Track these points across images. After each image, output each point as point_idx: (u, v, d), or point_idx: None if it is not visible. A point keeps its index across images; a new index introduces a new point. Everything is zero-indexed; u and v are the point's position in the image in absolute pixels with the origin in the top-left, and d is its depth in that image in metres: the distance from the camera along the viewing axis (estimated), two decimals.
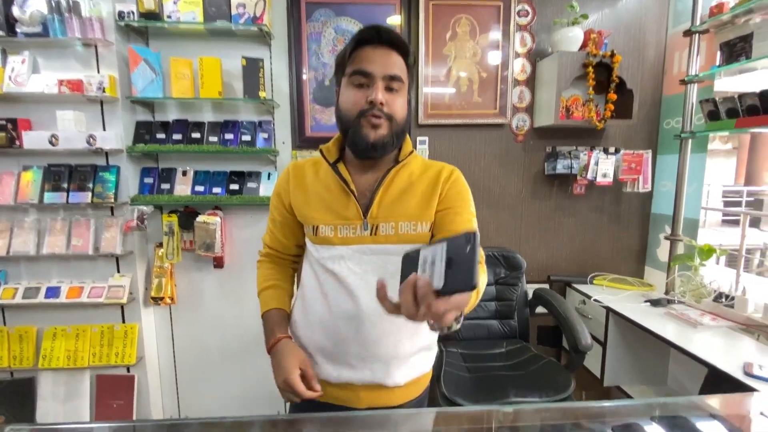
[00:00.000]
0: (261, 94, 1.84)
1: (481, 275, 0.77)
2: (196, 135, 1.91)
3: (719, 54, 1.75)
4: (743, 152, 7.59)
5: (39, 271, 1.91)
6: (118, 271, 1.92)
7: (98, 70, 1.81)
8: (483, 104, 2.06)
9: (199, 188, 1.93)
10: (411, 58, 0.85)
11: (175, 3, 1.77)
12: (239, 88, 1.89)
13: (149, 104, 1.93)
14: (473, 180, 2.13)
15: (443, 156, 2.10)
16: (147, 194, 1.91)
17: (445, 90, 2.04)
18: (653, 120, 2.14)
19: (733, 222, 5.33)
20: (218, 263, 2.01)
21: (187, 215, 1.91)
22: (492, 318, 1.98)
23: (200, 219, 1.86)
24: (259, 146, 1.92)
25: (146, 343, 1.98)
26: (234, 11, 1.79)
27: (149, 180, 1.94)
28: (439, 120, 2.05)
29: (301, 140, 2.02)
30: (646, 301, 1.83)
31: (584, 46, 1.88)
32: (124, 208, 1.87)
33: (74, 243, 1.84)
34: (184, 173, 1.95)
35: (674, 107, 2.04)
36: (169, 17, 1.78)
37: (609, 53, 1.84)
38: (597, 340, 1.88)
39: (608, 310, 1.81)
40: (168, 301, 1.97)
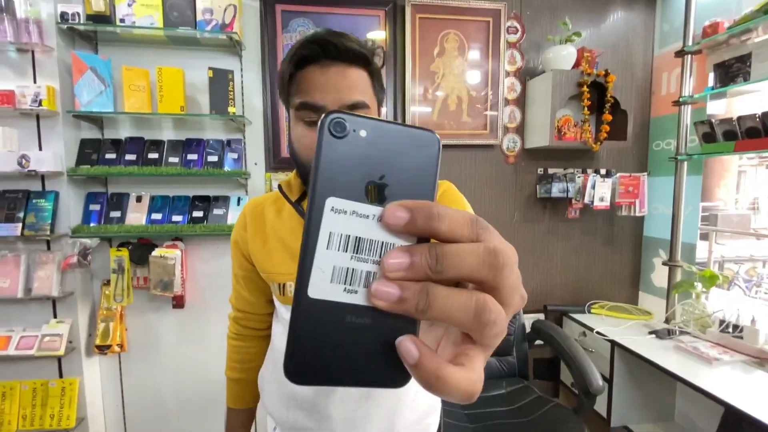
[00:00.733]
0: (230, 110, 1.62)
1: None
2: (154, 155, 1.66)
3: (712, 75, 1.72)
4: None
5: None
6: (55, 317, 1.61)
7: (35, 80, 1.55)
8: (472, 124, 1.94)
9: (156, 216, 1.67)
10: (376, 63, 0.65)
11: (130, 6, 1.55)
12: (205, 103, 1.67)
13: (97, 119, 1.67)
14: None
15: None
16: (93, 224, 1.63)
17: (432, 109, 1.90)
18: (643, 141, 2.09)
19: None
20: (178, 303, 1.74)
21: (142, 248, 1.65)
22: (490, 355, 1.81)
23: (156, 253, 1.59)
24: (228, 168, 1.69)
25: (89, 401, 1.67)
26: (199, 17, 1.59)
27: (95, 207, 1.66)
28: None
29: (276, 162, 1.81)
30: (651, 333, 1.73)
31: (577, 65, 1.81)
32: (63, 241, 1.58)
33: (1, 284, 1.53)
34: (139, 199, 1.68)
35: (664, 129, 1.99)
36: (123, 21, 1.55)
37: (603, 72, 1.77)
38: (603, 377, 1.75)
39: (613, 344, 1.69)
40: (116, 349, 1.67)
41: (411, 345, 0.20)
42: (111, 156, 1.65)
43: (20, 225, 1.52)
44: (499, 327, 0.20)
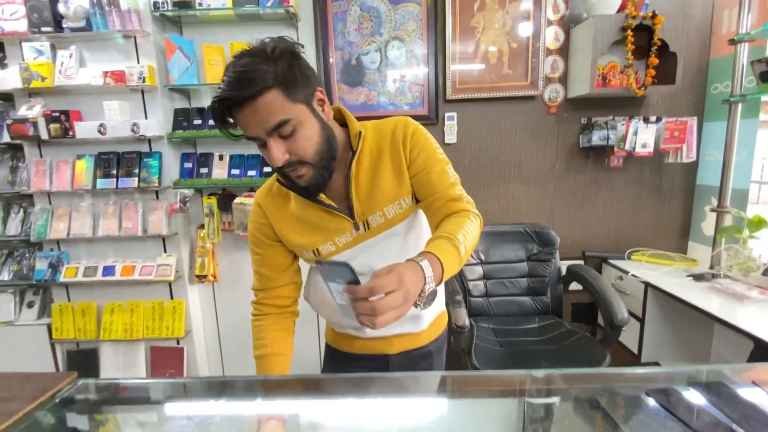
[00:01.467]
0: None
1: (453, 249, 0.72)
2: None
3: None
4: None
5: (96, 251, 2.07)
6: (165, 251, 2.06)
7: (138, 61, 1.90)
8: (513, 76, 2.00)
9: (235, 171, 2.01)
10: (281, 68, 0.68)
11: None
12: None
13: (185, 91, 2.01)
14: (504, 155, 2.09)
15: (472, 131, 2.07)
16: (187, 178, 2.01)
17: (474, 62, 1.99)
18: (699, 85, 2.01)
19: None
20: None
21: (225, 197, 2.01)
22: (524, 294, 1.97)
23: (237, 200, 1.94)
24: None
25: (193, 318, 2.13)
26: None
27: (189, 165, 2.04)
28: (468, 95, 2.01)
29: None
30: (689, 276, 1.76)
31: (622, 8, 1.78)
32: (168, 192, 1.99)
33: (125, 225, 1.98)
34: (221, 158, 2.03)
35: (722, 71, 1.89)
36: (201, 5, 1.83)
37: (650, 14, 1.73)
38: (634, 316, 1.84)
39: (647, 285, 1.76)
40: (211, 279, 2.09)
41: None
42: (198, 122, 1.99)
43: (136, 179, 1.94)
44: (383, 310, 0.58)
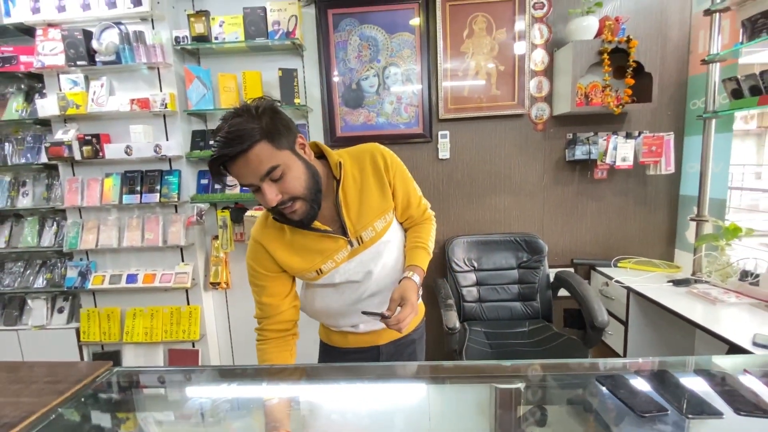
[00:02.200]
0: (296, 101, 2.06)
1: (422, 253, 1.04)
2: None
3: (742, 31, 1.73)
4: None
5: (120, 261, 2.27)
6: (183, 260, 2.24)
7: (161, 89, 2.12)
8: (502, 96, 2.16)
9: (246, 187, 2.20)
10: (265, 123, 0.79)
11: (221, 26, 2.04)
12: (277, 96, 2.12)
13: (202, 115, 2.22)
14: (494, 168, 2.23)
15: (464, 148, 2.22)
16: (203, 194, 2.20)
17: (464, 83, 2.16)
18: (679, 101, 2.13)
19: None
20: None
21: (237, 210, 2.19)
22: (515, 300, 2.08)
23: (249, 213, 2.12)
24: None
25: (207, 322, 2.30)
26: (270, 28, 2.03)
27: (205, 181, 2.23)
28: (459, 114, 2.17)
29: (333, 140, 2.23)
30: (669, 282, 1.86)
31: (600, 34, 1.93)
32: (186, 206, 2.18)
33: (147, 237, 2.18)
34: None
35: (700, 87, 2.02)
36: (216, 38, 2.04)
37: (625, 39, 1.87)
38: (619, 320, 1.94)
39: (629, 290, 1.86)
40: (224, 286, 2.27)
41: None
42: (213, 143, 2.19)
43: (158, 195, 2.14)
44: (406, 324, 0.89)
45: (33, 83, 2.28)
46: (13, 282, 2.35)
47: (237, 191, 2.19)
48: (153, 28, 2.06)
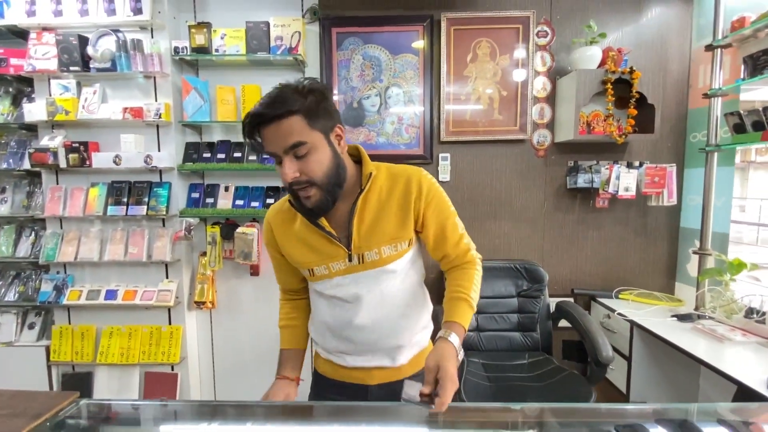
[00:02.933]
0: None
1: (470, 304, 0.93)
2: (238, 154, 2.11)
3: (743, 67, 1.75)
4: None
5: (100, 275, 2.14)
6: (167, 277, 2.13)
7: (156, 99, 2.06)
8: (504, 121, 2.14)
9: (239, 202, 2.12)
10: (313, 106, 0.80)
11: (222, 38, 2.00)
12: None
13: (197, 127, 2.16)
14: (495, 193, 2.19)
15: (465, 171, 2.18)
16: (193, 207, 2.11)
17: (467, 107, 2.14)
18: (679, 133, 2.14)
19: None
20: (254, 271, 2.18)
21: (228, 227, 2.10)
22: (514, 330, 2.01)
23: (240, 230, 2.03)
24: None
25: (189, 344, 2.16)
26: (272, 43, 1.99)
27: (195, 195, 2.15)
28: (461, 137, 2.14)
29: None
30: (673, 316, 1.81)
31: (603, 64, 1.94)
32: (174, 220, 2.09)
33: (131, 251, 2.07)
34: (227, 189, 2.14)
35: (700, 121, 2.03)
36: (217, 51, 2.00)
37: (628, 69, 1.88)
38: (622, 355, 1.87)
39: (632, 324, 1.80)
40: (209, 306, 2.15)
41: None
42: (207, 155, 2.12)
43: (145, 207, 2.04)
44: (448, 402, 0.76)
45: (22, 87, 2.20)
46: None
47: (229, 206, 2.11)
48: (152, 37, 2.02)
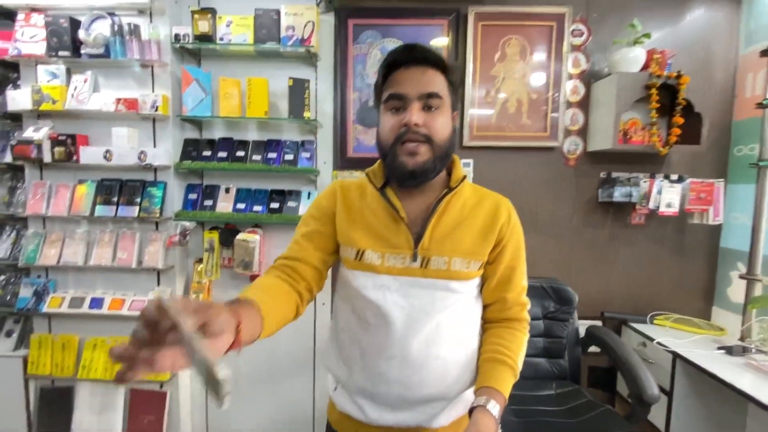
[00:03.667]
0: (306, 114, 1.83)
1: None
2: (241, 153, 1.93)
3: None
4: None
5: (85, 281, 1.95)
6: (159, 285, 1.94)
7: (153, 90, 1.88)
8: (532, 126, 1.96)
9: (241, 206, 1.93)
10: (453, 75, 0.80)
11: (228, 26, 1.82)
12: (284, 108, 1.90)
13: (198, 122, 1.97)
14: (519, 204, 1.98)
15: (488, 179, 2.00)
16: (190, 210, 1.93)
17: (492, 110, 1.96)
18: (722, 146, 1.96)
19: None
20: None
21: (228, 232, 1.91)
22: (540, 356, 1.82)
23: (240, 237, 1.85)
24: (301, 166, 1.91)
25: None
26: (283, 33, 1.81)
27: (193, 196, 1.96)
28: (485, 142, 1.97)
29: (343, 161, 1.99)
30: (720, 348, 1.63)
31: (646, 67, 1.76)
32: (168, 223, 1.90)
33: (119, 256, 1.88)
34: (227, 190, 1.96)
35: (747, 133, 1.86)
36: (222, 39, 1.82)
37: (675, 74, 1.71)
38: (661, 389, 1.68)
39: (675, 356, 1.62)
40: None
41: None
42: (207, 153, 1.94)
43: (137, 208, 1.86)
44: None
45: (7, 72, 2.01)
46: None
47: (229, 210, 1.92)
48: (151, 23, 1.84)
